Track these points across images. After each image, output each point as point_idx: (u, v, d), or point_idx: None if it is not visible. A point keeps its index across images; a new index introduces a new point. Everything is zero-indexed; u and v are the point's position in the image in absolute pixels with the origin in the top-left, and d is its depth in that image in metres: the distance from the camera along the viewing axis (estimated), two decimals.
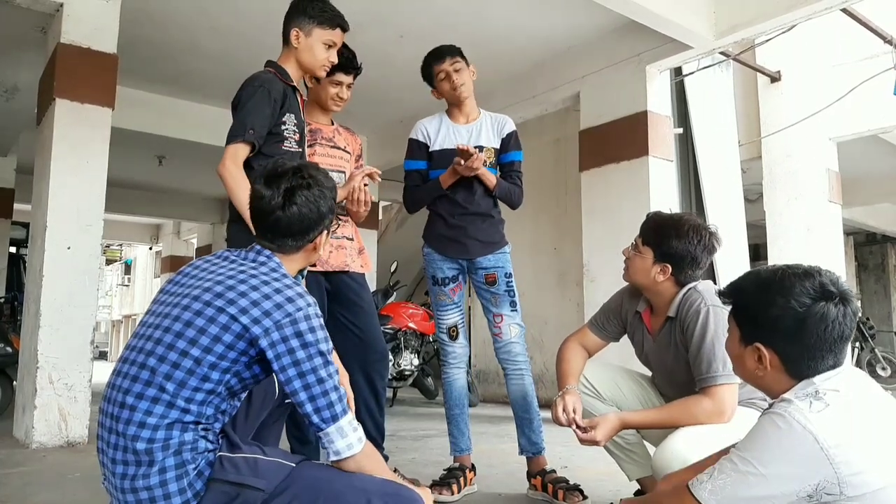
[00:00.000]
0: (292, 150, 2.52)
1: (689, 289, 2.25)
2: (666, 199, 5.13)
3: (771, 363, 1.45)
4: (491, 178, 2.93)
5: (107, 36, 4.36)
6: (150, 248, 19.20)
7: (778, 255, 7.11)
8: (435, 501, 2.57)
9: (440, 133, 3.05)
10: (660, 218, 2.31)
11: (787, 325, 1.41)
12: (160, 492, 1.48)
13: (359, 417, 2.05)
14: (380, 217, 9.80)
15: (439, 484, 2.80)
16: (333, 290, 2.86)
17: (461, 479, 2.86)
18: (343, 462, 1.59)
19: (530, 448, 2.90)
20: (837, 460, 1.27)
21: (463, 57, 3.00)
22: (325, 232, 1.78)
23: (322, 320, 1.61)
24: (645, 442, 2.46)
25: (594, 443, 2.15)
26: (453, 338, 3.02)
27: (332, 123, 3.09)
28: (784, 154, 7.18)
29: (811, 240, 6.94)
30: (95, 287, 4.46)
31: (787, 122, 7.09)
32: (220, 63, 5.86)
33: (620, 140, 5.19)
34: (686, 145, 5.90)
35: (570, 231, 6.15)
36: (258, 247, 1.74)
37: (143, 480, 1.48)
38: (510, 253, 3.04)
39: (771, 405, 1.46)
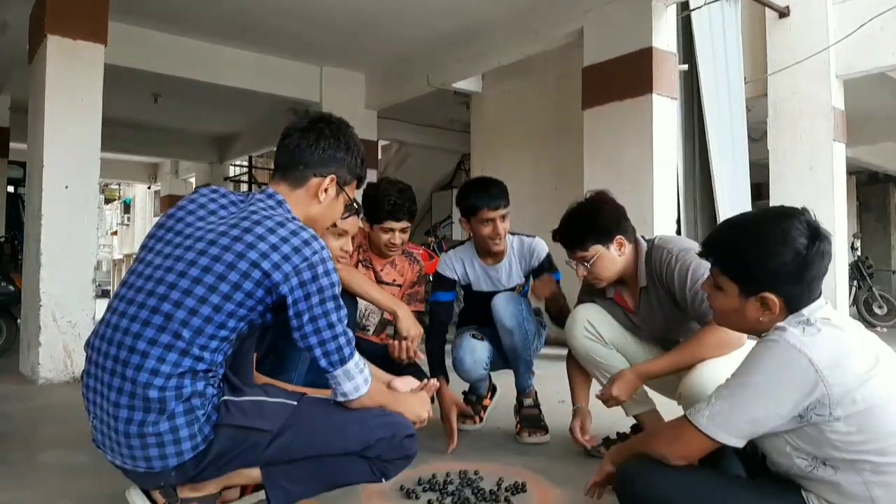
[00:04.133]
0: None
1: (648, 250, 2.34)
2: (668, 138, 5.07)
3: (778, 307, 1.47)
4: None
5: None
6: (149, 188, 19.08)
7: (780, 195, 7.07)
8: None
9: (469, 276, 3.03)
10: (572, 219, 2.37)
11: (790, 270, 1.44)
12: (170, 437, 1.48)
13: None
14: (379, 157, 9.72)
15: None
16: None
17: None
18: (348, 403, 1.63)
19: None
20: (830, 381, 1.33)
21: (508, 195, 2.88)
22: (334, 183, 1.74)
23: (334, 262, 1.60)
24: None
25: (616, 403, 2.31)
26: None
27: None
28: (790, 92, 7.05)
29: (814, 179, 6.88)
30: (94, 226, 4.46)
31: (794, 59, 6.94)
32: None
33: (624, 77, 5.09)
34: (691, 83, 5.78)
35: (572, 171, 6.09)
36: (270, 190, 1.71)
37: (152, 427, 1.47)
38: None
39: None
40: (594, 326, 2.46)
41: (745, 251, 1.50)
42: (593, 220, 2.32)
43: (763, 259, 1.46)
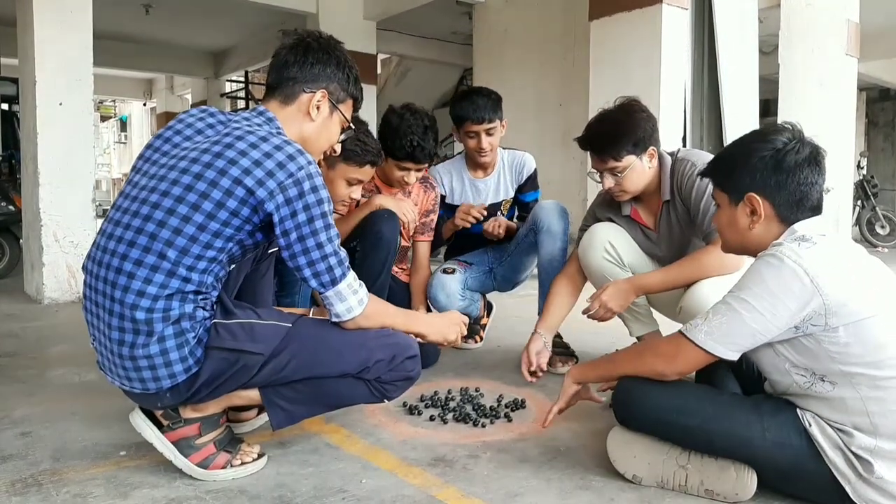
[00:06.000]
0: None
1: (673, 162, 2.25)
2: (678, 51, 4.91)
3: (764, 210, 1.50)
4: (512, 226, 2.90)
5: None
6: (144, 105, 18.74)
7: (789, 111, 6.91)
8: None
9: (455, 189, 2.99)
10: (606, 124, 2.23)
11: (768, 164, 1.49)
12: (160, 360, 1.48)
13: None
14: (378, 71, 9.47)
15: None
16: None
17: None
18: (343, 324, 1.62)
19: None
20: (826, 290, 1.36)
21: (500, 109, 2.83)
22: (326, 99, 1.69)
23: (322, 178, 1.55)
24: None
25: (610, 313, 2.20)
26: None
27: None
28: (804, 3, 6.80)
29: (824, 95, 6.71)
30: (91, 143, 4.41)
31: None
32: None
33: None
34: None
35: (577, 86, 5.95)
36: (261, 107, 1.68)
37: (142, 349, 1.47)
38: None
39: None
40: (615, 248, 2.37)
41: (731, 155, 1.59)
42: (630, 127, 2.18)
43: (744, 157, 1.53)
